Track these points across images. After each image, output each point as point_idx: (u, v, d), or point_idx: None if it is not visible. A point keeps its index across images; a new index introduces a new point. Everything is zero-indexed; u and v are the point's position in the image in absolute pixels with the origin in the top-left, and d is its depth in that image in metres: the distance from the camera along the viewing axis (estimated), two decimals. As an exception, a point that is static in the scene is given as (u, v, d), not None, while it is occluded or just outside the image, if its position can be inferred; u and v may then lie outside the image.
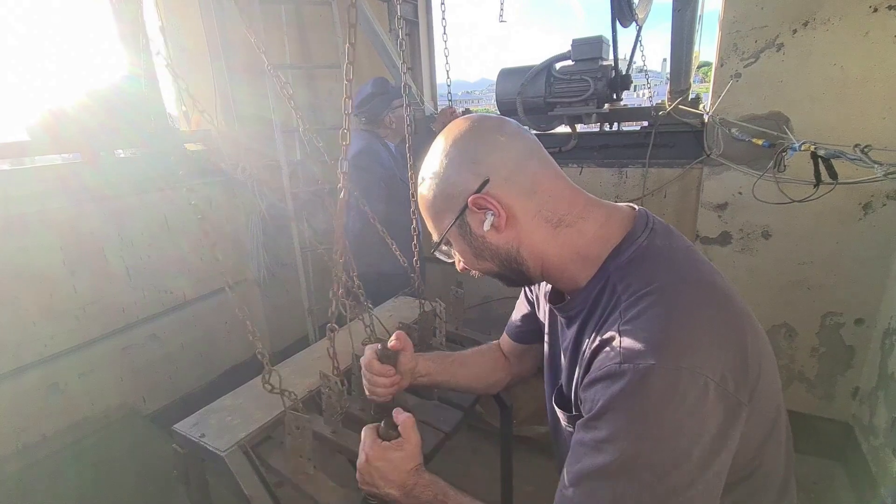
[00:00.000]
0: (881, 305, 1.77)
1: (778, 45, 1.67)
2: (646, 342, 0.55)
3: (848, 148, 1.33)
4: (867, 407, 1.80)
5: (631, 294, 0.60)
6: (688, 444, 0.53)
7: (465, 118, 0.70)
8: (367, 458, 0.74)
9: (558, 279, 0.71)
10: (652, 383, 0.53)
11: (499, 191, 0.65)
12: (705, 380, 0.53)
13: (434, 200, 0.70)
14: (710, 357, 0.55)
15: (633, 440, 0.54)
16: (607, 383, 0.56)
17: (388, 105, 2.09)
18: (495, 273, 0.73)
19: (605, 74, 1.91)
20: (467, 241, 0.70)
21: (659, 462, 0.53)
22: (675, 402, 0.53)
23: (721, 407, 0.54)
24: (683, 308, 0.58)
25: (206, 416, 1.00)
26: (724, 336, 0.57)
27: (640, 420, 0.54)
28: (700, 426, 0.53)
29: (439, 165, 0.68)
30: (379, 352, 0.88)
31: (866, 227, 1.73)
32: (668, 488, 0.52)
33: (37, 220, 1.69)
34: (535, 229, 0.67)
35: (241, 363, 2.49)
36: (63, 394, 1.79)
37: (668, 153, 2.06)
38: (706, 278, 0.63)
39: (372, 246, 1.79)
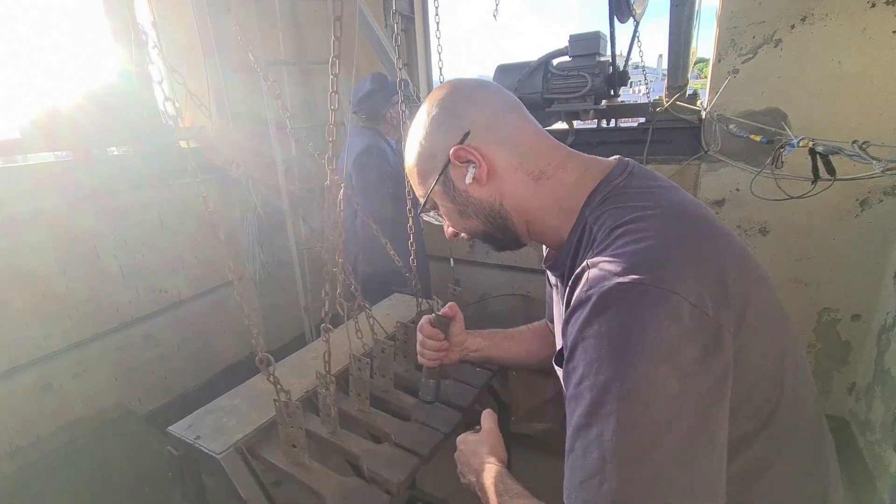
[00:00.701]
0: (877, 301, 1.77)
1: (776, 41, 1.67)
2: (612, 265, 0.52)
3: (846, 144, 1.32)
4: (863, 403, 1.81)
5: (605, 230, 0.58)
6: (663, 367, 0.47)
7: (445, 82, 0.71)
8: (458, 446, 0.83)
9: (544, 235, 0.70)
10: (615, 303, 0.49)
11: (480, 142, 0.65)
12: (677, 298, 0.48)
13: (419, 160, 0.70)
14: (682, 275, 0.50)
15: (607, 369, 0.48)
16: (576, 315, 0.53)
17: (389, 101, 2.07)
18: (482, 232, 0.73)
19: (603, 70, 1.90)
20: (451, 197, 0.70)
21: (635, 389, 0.47)
22: (643, 322, 0.48)
23: (700, 331, 0.48)
24: (656, 231, 0.54)
25: (201, 417, 0.99)
26: (699, 257, 0.53)
27: (608, 347, 0.49)
28: (673, 348, 0.47)
29: (422, 128, 0.69)
30: (433, 319, 0.95)
31: (863, 223, 1.73)
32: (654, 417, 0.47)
33: (28, 218, 1.67)
34: (517, 182, 0.66)
35: (236, 363, 2.48)
36: (57, 394, 1.77)
37: (666, 149, 2.05)
38: (687, 208, 0.59)
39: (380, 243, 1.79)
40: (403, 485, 0.86)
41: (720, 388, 0.50)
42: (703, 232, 0.57)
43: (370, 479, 0.88)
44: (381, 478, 0.87)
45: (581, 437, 0.50)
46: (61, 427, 1.78)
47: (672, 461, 0.47)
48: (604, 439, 0.48)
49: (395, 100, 2.07)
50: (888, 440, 1.58)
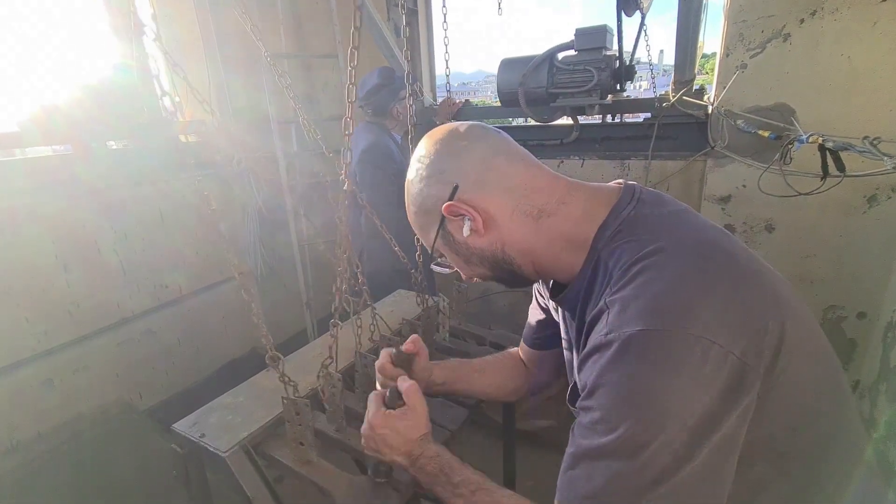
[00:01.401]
0: (884, 299, 1.76)
1: (785, 36, 1.65)
2: (632, 308, 0.52)
3: (856, 140, 1.31)
4: (868, 400, 1.80)
5: (622, 265, 0.57)
6: (686, 414, 0.48)
7: (427, 134, 0.71)
8: (371, 426, 0.75)
9: (554, 271, 0.69)
10: (637, 349, 0.50)
11: (470, 195, 0.65)
12: (703, 342, 0.48)
13: (416, 218, 0.72)
14: (708, 319, 0.49)
15: (622, 415, 0.50)
16: (595, 358, 0.54)
17: (396, 96, 2.06)
18: (490, 277, 0.73)
19: (609, 64, 1.87)
20: (453, 249, 0.70)
21: (651, 437, 0.48)
22: (668, 370, 0.48)
23: (725, 371, 0.48)
24: (674, 269, 0.53)
25: (205, 414, 0.98)
26: (726, 297, 0.52)
27: (626, 392, 0.50)
28: (700, 393, 0.48)
29: (414, 184, 0.70)
30: (393, 355, 0.87)
31: (871, 220, 1.72)
32: (664, 463, 0.48)
33: (27, 213, 1.65)
34: (516, 226, 0.65)
35: (238, 358, 2.47)
36: (58, 390, 1.76)
37: (672, 145, 2.03)
38: (702, 237, 0.59)
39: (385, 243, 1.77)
40: (412, 483, 0.85)
41: (737, 431, 0.51)
42: (728, 265, 0.55)
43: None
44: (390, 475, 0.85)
45: (587, 463, 0.52)
46: (63, 423, 1.77)
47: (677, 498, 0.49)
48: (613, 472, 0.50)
49: (402, 95, 2.06)
50: (893, 438, 1.58)
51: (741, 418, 0.50)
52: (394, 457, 0.75)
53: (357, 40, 0.77)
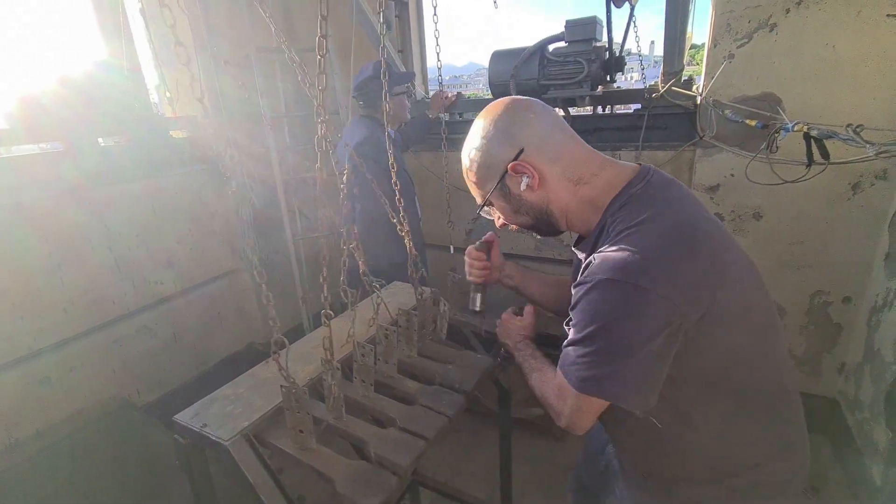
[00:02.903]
0: (868, 284, 1.81)
1: (771, 26, 1.67)
2: (608, 262, 0.72)
3: (840, 128, 1.34)
4: (853, 382, 1.86)
5: (618, 228, 0.75)
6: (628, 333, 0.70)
7: (501, 101, 0.85)
8: (503, 319, 1.11)
9: (577, 227, 0.87)
10: (602, 291, 0.72)
11: (531, 158, 0.81)
12: (646, 292, 0.68)
13: (479, 170, 0.87)
14: (656, 277, 0.69)
15: (589, 326, 0.73)
16: (580, 288, 0.76)
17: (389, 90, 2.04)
18: (530, 225, 0.90)
19: (599, 56, 1.89)
20: (507, 200, 0.87)
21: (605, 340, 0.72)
22: (617, 306, 0.71)
23: (661, 312, 0.68)
24: (648, 238, 0.72)
25: (206, 405, 0.99)
26: (677, 266, 0.71)
27: (591, 315, 0.73)
28: (638, 322, 0.69)
29: (480, 142, 0.85)
30: (477, 244, 1.16)
31: (855, 206, 1.76)
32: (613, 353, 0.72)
33: (18, 211, 1.64)
34: (561, 188, 0.83)
35: (235, 353, 2.48)
36: (55, 388, 1.77)
37: (661, 136, 2.06)
38: (682, 218, 0.75)
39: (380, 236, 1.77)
40: (410, 467, 0.87)
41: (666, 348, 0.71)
42: (691, 243, 0.73)
43: (377, 462, 0.89)
44: (389, 461, 0.88)
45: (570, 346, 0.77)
46: (61, 420, 1.78)
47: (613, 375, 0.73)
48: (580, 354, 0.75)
49: (396, 90, 2.04)
50: (877, 418, 1.63)
51: (669, 343, 0.71)
52: (507, 340, 1.08)
53: (325, 29, 0.79)
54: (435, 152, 2.36)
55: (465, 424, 2.26)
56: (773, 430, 0.83)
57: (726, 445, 0.82)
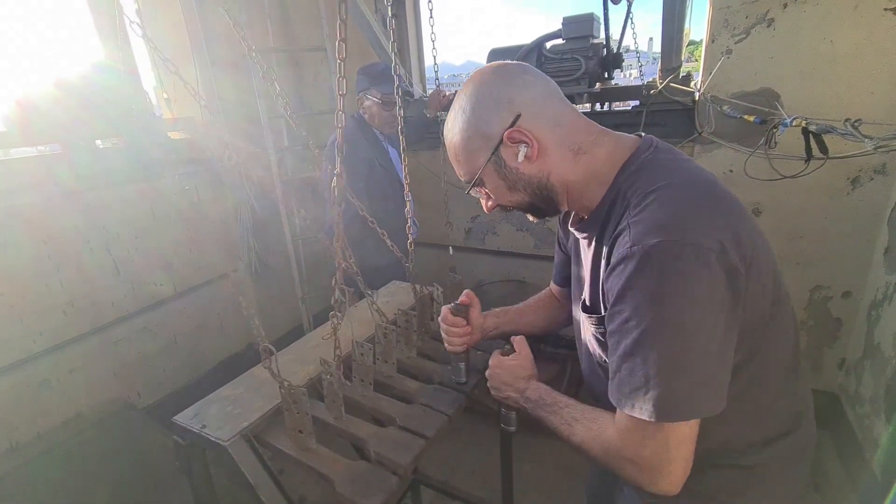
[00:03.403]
0: (867, 278, 1.80)
1: (769, 21, 1.67)
2: (651, 225, 0.63)
3: (838, 123, 1.33)
4: (853, 377, 1.85)
5: (639, 195, 0.68)
6: (698, 306, 0.60)
7: (489, 65, 0.76)
8: (492, 366, 0.93)
9: (579, 202, 0.79)
10: (659, 257, 0.60)
11: (530, 124, 0.72)
12: (706, 250, 0.60)
13: (467, 142, 0.76)
14: (707, 232, 0.61)
15: (651, 312, 0.61)
16: (622, 268, 0.64)
17: (362, 90, 1.98)
18: (527, 203, 0.80)
19: (597, 53, 1.89)
20: (501, 174, 0.77)
21: (677, 326, 0.60)
22: (682, 273, 0.60)
23: (723, 273, 0.60)
24: (683, 197, 0.66)
25: (205, 406, 0.99)
26: (720, 217, 0.64)
27: (654, 293, 0.61)
28: (706, 289, 0.60)
29: (470, 109, 0.74)
30: (452, 307, 1.02)
31: (854, 201, 1.75)
32: (691, 345, 0.60)
33: (17, 214, 1.64)
34: (561, 158, 0.74)
35: (234, 354, 2.48)
36: (55, 390, 1.77)
37: (660, 132, 2.03)
38: (705, 177, 0.70)
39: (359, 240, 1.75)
40: (410, 466, 0.87)
41: (734, 319, 0.63)
42: (720, 196, 0.68)
43: (377, 461, 0.89)
44: (389, 460, 0.88)
45: (627, 362, 0.64)
46: (62, 423, 1.78)
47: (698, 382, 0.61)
48: (648, 364, 0.61)
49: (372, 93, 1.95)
50: (877, 413, 1.63)
51: (735, 309, 0.62)
52: (508, 392, 0.90)
53: (344, 32, 0.77)
54: (433, 151, 2.35)
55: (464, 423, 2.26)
56: (786, 402, 0.78)
57: (740, 422, 0.73)
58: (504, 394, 0.91)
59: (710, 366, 0.61)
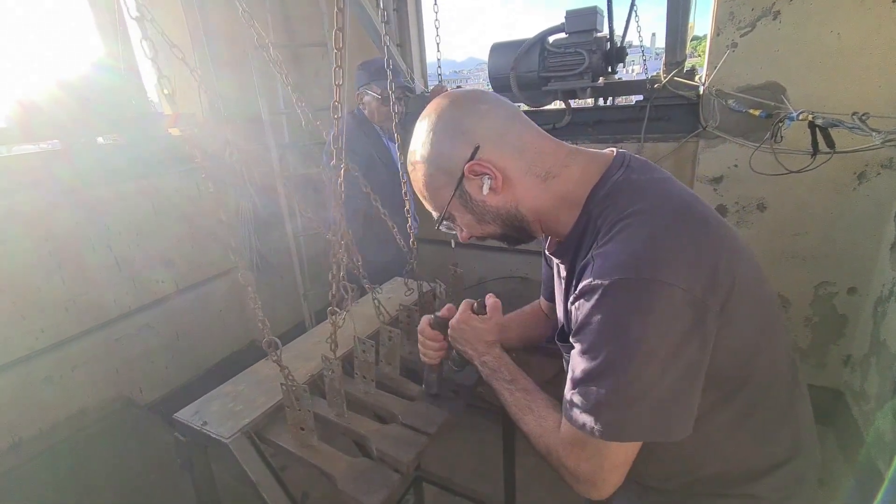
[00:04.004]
0: (873, 274, 1.79)
1: (774, 13, 1.65)
2: (615, 259, 0.61)
3: (845, 116, 1.32)
4: (858, 374, 1.84)
5: (608, 223, 0.65)
6: (655, 344, 0.58)
7: (443, 96, 0.73)
8: (459, 319, 0.91)
9: (553, 228, 0.76)
10: (619, 295, 0.60)
11: (491, 155, 0.69)
12: (670, 287, 0.58)
13: (431, 178, 0.73)
14: (674, 268, 0.59)
15: (609, 346, 0.60)
16: (583, 300, 0.63)
17: (361, 84, 1.97)
18: (499, 234, 0.78)
19: (600, 47, 1.87)
20: (469, 208, 0.74)
21: (631, 362, 0.59)
22: (641, 310, 0.58)
23: (689, 310, 0.59)
24: (653, 228, 0.62)
25: (206, 403, 0.99)
26: (695, 252, 0.61)
27: (611, 328, 0.60)
28: (667, 327, 0.59)
29: (429, 144, 0.72)
30: (431, 320, 0.98)
31: (860, 196, 1.74)
32: (643, 381, 0.60)
33: (18, 211, 1.64)
34: (529, 185, 0.71)
35: (237, 351, 2.48)
36: (57, 387, 1.77)
37: (664, 127, 2.04)
38: (679, 202, 0.67)
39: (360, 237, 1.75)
40: (413, 463, 0.87)
41: (700, 356, 0.61)
42: (694, 225, 0.64)
43: (379, 458, 0.89)
44: (391, 457, 0.87)
45: (581, 386, 0.64)
46: (64, 419, 1.78)
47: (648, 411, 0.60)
48: (600, 392, 0.61)
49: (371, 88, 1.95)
50: (883, 410, 1.62)
51: (702, 349, 0.61)
52: (467, 349, 0.90)
53: (341, 21, 0.76)
54: (435, 147, 2.34)
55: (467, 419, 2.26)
56: (785, 428, 0.75)
57: (737, 451, 0.73)
58: (461, 348, 0.92)
59: (663, 397, 0.60)
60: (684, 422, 0.63)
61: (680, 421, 0.62)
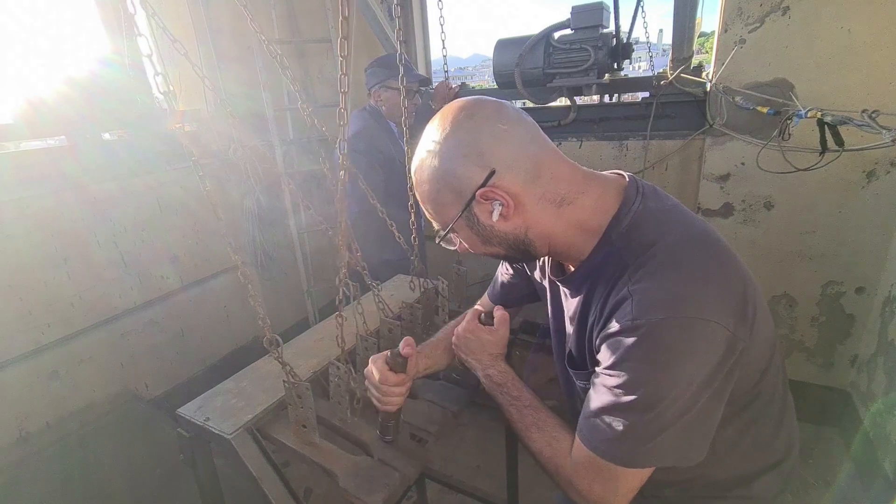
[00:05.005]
0: (882, 273, 1.77)
1: (784, 9, 1.62)
2: (654, 299, 0.61)
3: (855, 114, 1.30)
4: (866, 374, 1.82)
5: (636, 257, 0.65)
6: (692, 379, 0.60)
7: (461, 105, 0.68)
8: (465, 329, 0.90)
9: (565, 254, 0.74)
10: (662, 335, 0.60)
11: (504, 181, 0.65)
12: (710, 324, 0.59)
13: (438, 194, 0.70)
14: (713, 305, 0.60)
15: (648, 384, 0.61)
16: (622, 338, 0.62)
17: (380, 81, 1.98)
18: (501, 255, 0.76)
19: (606, 43, 1.85)
20: (475, 230, 0.72)
21: (668, 398, 0.60)
22: (683, 349, 0.60)
23: (723, 344, 0.60)
24: (686, 264, 0.63)
25: (209, 399, 0.99)
26: (726, 285, 0.63)
27: (652, 366, 0.61)
28: (704, 362, 0.60)
29: (440, 158, 0.67)
30: (390, 361, 0.84)
31: (869, 195, 1.71)
32: (673, 413, 0.60)
33: (24, 206, 1.65)
34: (541, 212, 0.69)
35: (241, 347, 2.49)
36: (64, 381, 1.78)
37: (670, 124, 2.02)
38: (700, 233, 0.68)
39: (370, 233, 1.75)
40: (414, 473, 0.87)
41: (727, 385, 0.63)
42: (719, 256, 0.66)
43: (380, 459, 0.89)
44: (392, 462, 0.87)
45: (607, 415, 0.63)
46: (70, 413, 1.80)
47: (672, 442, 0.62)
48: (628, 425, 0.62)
49: (389, 83, 1.96)
50: (890, 410, 1.60)
51: (730, 376, 0.63)
52: (470, 359, 0.88)
53: (346, 29, 0.75)
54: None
55: (469, 418, 2.26)
56: (781, 434, 0.78)
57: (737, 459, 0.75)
58: (465, 358, 0.89)
59: (690, 426, 0.62)
60: (703, 447, 0.64)
61: (699, 447, 0.64)
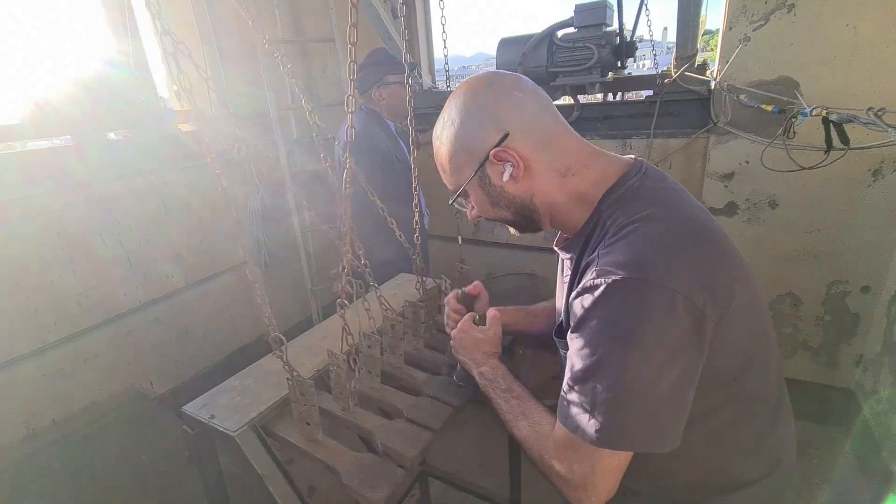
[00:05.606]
0: (888, 272, 1.76)
1: (789, 6, 1.61)
2: (619, 260, 0.62)
3: (860, 112, 1.29)
4: (871, 374, 1.81)
5: (617, 226, 0.66)
6: (653, 346, 0.59)
7: (481, 76, 0.74)
8: (460, 329, 0.95)
9: (564, 223, 0.78)
10: (620, 294, 0.60)
11: (517, 144, 0.70)
12: (672, 293, 0.59)
13: (454, 156, 0.75)
14: (678, 275, 0.60)
15: (606, 345, 0.61)
16: (584, 297, 0.64)
17: (379, 79, 1.96)
18: (509, 220, 0.80)
19: (610, 41, 1.85)
20: (486, 190, 0.76)
21: (628, 361, 0.60)
22: (641, 311, 0.59)
23: (688, 317, 0.59)
24: (659, 234, 0.64)
25: (214, 397, 1.00)
26: (698, 261, 0.63)
27: (610, 326, 0.61)
28: (665, 331, 0.59)
29: (459, 122, 0.73)
30: (459, 294, 1.05)
31: (875, 193, 1.70)
32: (639, 382, 0.60)
33: (31, 205, 1.66)
34: (547, 179, 0.73)
35: (246, 345, 2.50)
36: (70, 379, 1.80)
37: (674, 122, 2.01)
38: (688, 212, 0.69)
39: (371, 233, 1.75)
40: (417, 458, 0.87)
41: (695, 364, 0.62)
42: (700, 237, 0.66)
43: (384, 453, 0.89)
44: (396, 452, 0.87)
45: (577, 385, 0.64)
46: (77, 410, 1.81)
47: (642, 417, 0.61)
48: (596, 392, 0.62)
49: (389, 79, 1.95)
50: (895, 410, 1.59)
51: (698, 358, 0.62)
52: (466, 358, 0.93)
53: (355, 17, 0.76)
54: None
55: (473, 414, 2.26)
56: (765, 446, 0.76)
57: (715, 462, 0.74)
58: (461, 357, 0.94)
59: (658, 404, 0.61)
60: (674, 433, 0.63)
61: (671, 432, 0.63)
